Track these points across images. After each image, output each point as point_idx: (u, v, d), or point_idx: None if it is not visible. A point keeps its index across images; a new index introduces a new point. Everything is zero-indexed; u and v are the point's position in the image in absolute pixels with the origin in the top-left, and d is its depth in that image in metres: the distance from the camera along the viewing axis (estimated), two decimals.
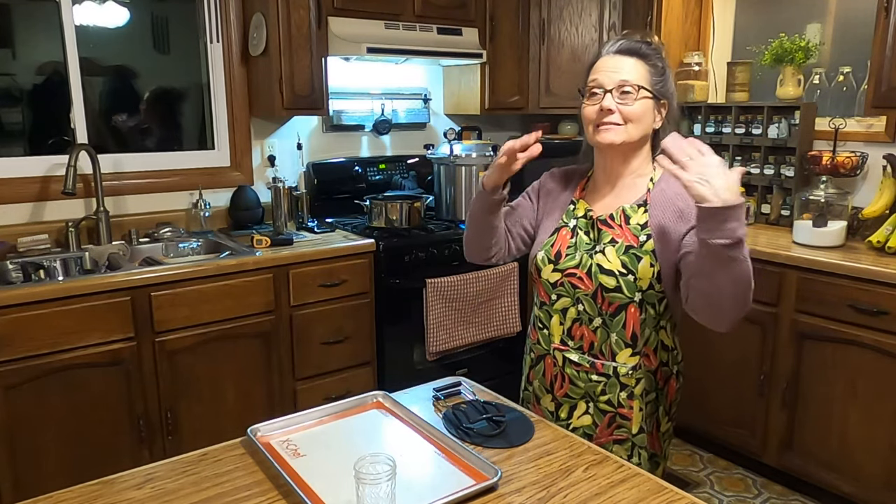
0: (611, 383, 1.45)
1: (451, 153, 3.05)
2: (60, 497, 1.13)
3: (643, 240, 1.40)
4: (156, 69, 2.98)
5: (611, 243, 1.42)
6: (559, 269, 1.47)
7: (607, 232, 1.43)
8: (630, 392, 1.44)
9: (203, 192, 2.87)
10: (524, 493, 1.15)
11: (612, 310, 1.42)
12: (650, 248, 1.39)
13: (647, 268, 1.38)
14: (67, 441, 2.18)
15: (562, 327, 1.49)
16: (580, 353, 1.47)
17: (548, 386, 1.54)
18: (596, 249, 1.43)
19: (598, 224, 1.45)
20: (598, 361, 1.45)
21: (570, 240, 1.48)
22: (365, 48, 2.77)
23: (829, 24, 3.11)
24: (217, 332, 2.40)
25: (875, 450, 2.40)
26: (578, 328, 1.47)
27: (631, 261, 1.39)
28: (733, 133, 3.18)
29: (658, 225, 1.39)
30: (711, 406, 2.88)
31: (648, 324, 1.43)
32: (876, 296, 2.33)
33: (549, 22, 3.39)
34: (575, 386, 1.49)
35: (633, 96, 1.37)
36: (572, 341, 1.48)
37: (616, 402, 1.45)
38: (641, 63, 1.39)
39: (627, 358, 1.44)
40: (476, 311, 2.96)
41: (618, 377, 1.44)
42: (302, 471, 1.19)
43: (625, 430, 1.46)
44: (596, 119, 1.41)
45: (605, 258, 1.41)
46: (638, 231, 1.41)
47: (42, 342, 2.09)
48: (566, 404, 1.52)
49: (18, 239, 2.49)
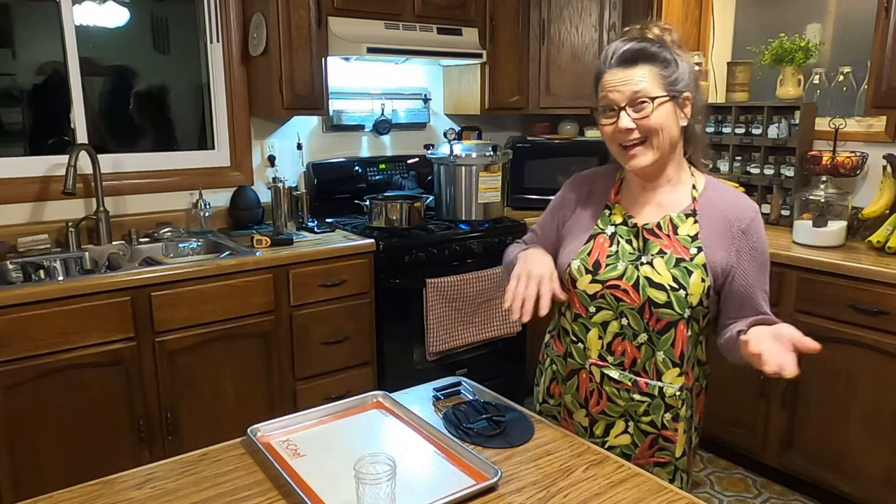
0: (655, 404, 1.36)
1: (451, 153, 3.05)
2: (60, 497, 1.13)
3: (693, 252, 1.32)
4: (156, 69, 2.98)
5: (659, 254, 1.33)
6: (599, 280, 1.36)
7: (654, 242, 1.34)
8: (676, 414, 1.37)
9: (203, 192, 2.87)
10: (524, 493, 1.14)
11: (660, 326, 1.33)
12: (701, 261, 1.31)
13: (698, 283, 1.30)
14: (67, 441, 2.17)
15: (601, 341, 1.39)
16: (620, 370, 1.37)
17: (581, 401, 1.44)
18: (643, 261, 1.34)
19: (643, 233, 1.36)
20: (640, 380, 1.36)
21: (609, 248, 1.38)
22: (365, 48, 2.77)
23: (829, 24, 3.11)
24: (217, 332, 2.40)
25: (875, 450, 2.40)
26: (620, 343, 1.37)
27: (682, 275, 1.30)
28: (733, 133, 3.18)
29: (708, 237, 1.33)
30: (711, 406, 2.84)
31: (692, 341, 1.36)
32: (876, 296, 2.33)
33: (549, 22, 3.39)
34: (614, 404, 1.39)
35: (650, 107, 1.27)
36: (612, 357, 1.38)
37: (660, 423, 1.37)
38: (649, 66, 1.28)
39: (674, 378, 1.35)
40: (476, 311, 2.96)
41: (663, 398, 1.36)
42: (302, 471, 1.19)
43: (667, 454, 1.39)
44: (617, 139, 1.31)
45: (654, 271, 1.32)
46: (688, 243, 1.33)
47: (42, 342, 2.08)
48: (602, 421, 1.43)
49: (18, 239, 2.49)
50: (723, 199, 1.36)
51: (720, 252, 1.32)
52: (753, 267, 1.33)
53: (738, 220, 1.33)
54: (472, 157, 3.04)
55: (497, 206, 3.14)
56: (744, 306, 1.33)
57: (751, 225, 1.33)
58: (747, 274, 1.32)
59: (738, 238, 1.33)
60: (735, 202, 1.36)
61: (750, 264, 1.33)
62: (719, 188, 1.39)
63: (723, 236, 1.33)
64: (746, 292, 1.32)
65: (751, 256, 1.33)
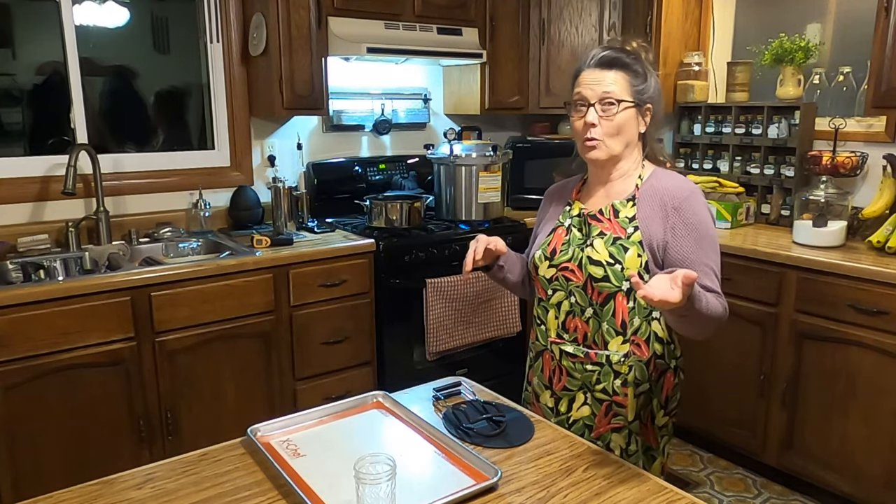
0: (605, 372, 1.49)
1: (451, 153, 3.05)
2: (60, 497, 1.13)
3: (630, 231, 1.45)
4: (156, 69, 2.98)
5: (599, 236, 1.48)
6: (554, 265, 1.53)
7: (596, 226, 1.49)
8: (624, 380, 1.47)
9: (203, 192, 2.87)
10: (524, 493, 1.15)
11: (601, 299, 1.47)
12: (637, 238, 1.44)
13: (634, 258, 1.43)
14: (67, 441, 2.17)
15: (557, 321, 1.54)
16: (575, 345, 1.52)
17: (546, 382, 1.59)
18: (587, 243, 1.49)
19: (588, 219, 1.51)
20: (591, 351, 1.50)
21: (564, 237, 1.54)
22: (365, 48, 2.77)
23: (829, 24, 3.11)
24: (217, 332, 2.40)
25: (875, 450, 2.40)
26: (572, 320, 1.52)
27: (618, 251, 1.44)
28: (733, 133, 3.19)
29: (644, 217, 1.45)
30: (711, 406, 2.88)
31: (639, 313, 1.46)
32: (876, 296, 2.33)
33: (549, 22, 3.39)
34: (572, 378, 1.53)
35: (615, 109, 1.43)
36: (567, 334, 1.53)
37: (611, 390, 1.49)
38: (622, 74, 1.44)
39: (619, 346, 1.47)
40: (476, 311, 2.96)
41: (611, 365, 1.48)
42: (302, 471, 1.19)
43: (621, 419, 1.49)
44: (582, 133, 1.47)
45: (594, 250, 1.47)
46: (626, 223, 1.46)
47: (42, 342, 2.08)
48: (565, 398, 1.55)
49: (18, 239, 2.49)
50: (661, 183, 1.49)
51: (656, 229, 1.44)
52: (689, 241, 1.42)
53: (672, 198, 1.45)
54: (472, 157, 3.04)
55: (497, 206, 3.14)
56: None
57: (683, 202, 1.44)
58: (682, 247, 1.42)
59: (671, 215, 1.44)
60: (671, 184, 1.48)
61: (685, 239, 1.42)
62: (661, 175, 1.52)
63: (658, 215, 1.45)
64: (681, 265, 1.39)
65: (685, 231, 1.43)
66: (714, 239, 1.45)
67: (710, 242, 1.43)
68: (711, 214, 1.48)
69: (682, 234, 1.42)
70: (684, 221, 1.43)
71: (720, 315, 1.36)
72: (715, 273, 1.42)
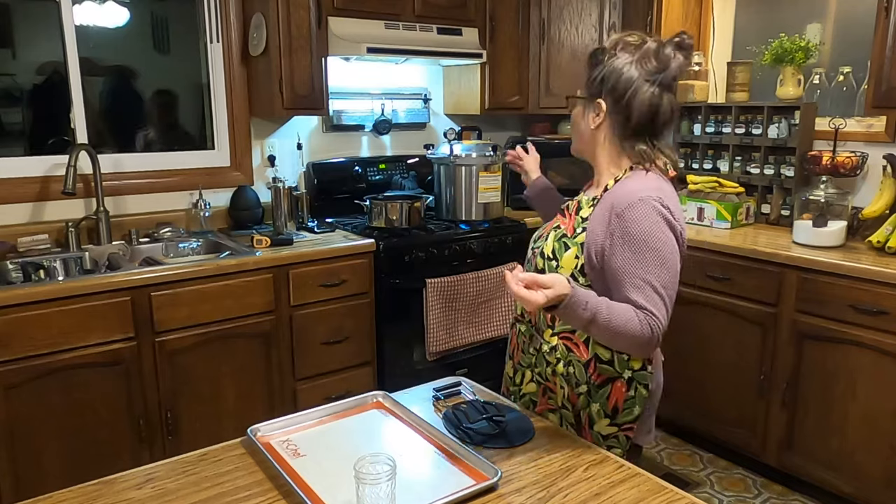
0: (539, 358, 1.53)
1: (451, 153, 3.05)
2: (60, 497, 1.13)
3: (578, 232, 1.44)
4: (156, 69, 2.98)
5: (555, 229, 1.50)
6: (533, 247, 1.58)
7: (558, 219, 1.53)
8: (553, 370, 1.49)
9: (203, 192, 2.87)
10: (524, 493, 1.15)
11: None
12: (581, 240, 1.42)
13: (571, 258, 1.42)
14: (67, 441, 2.17)
15: None
16: (527, 325, 1.56)
17: (511, 352, 1.66)
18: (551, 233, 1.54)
19: (563, 210, 1.54)
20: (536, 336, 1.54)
21: (554, 224, 1.56)
22: (365, 48, 2.77)
23: (829, 24, 3.11)
24: (217, 332, 2.40)
25: (875, 450, 2.40)
26: None
27: (560, 248, 1.45)
28: (733, 133, 3.18)
29: (593, 220, 1.41)
30: (711, 406, 2.88)
31: None
32: (876, 296, 2.33)
33: (549, 22, 3.39)
34: (524, 353, 1.58)
35: (568, 108, 1.51)
36: (526, 314, 1.58)
37: (544, 376, 1.52)
38: (585, 66, 1.47)
39: (549, 337, 1.50)
40: (476, 311, 2.96)
41: (543, 354, 1.51)
42: (302, 471, 1.19)
43: (553, 401, 1.53)
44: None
45: (545, 242, 1.50)
46: (578, 224, 1.45)
47: (42, 342, 2.09)
48: (519, 371, 1.61)
49: (18, 239, 2.49)
50: (618, 189, 1.40)
51: (599, 235, 1.39)
52: (625, 251, 1.33)
53: (618, 205, 1.37)
54: (472, 157, 3.04)
55: (497, 206, 3.14)
56: (615, 289, 1.35)
57: (626, 210, 1.34)
58: (616, 256, 1.34)
59: (613, 221, 1.36)
60: (625, 189, 1.39)
61: (621, 248, 1.33)
62: (629, 180, 1.41)
63: (604, 220, 1.39)
64: (614, 276, 1.35)
65: (623, 240, 1.33)
66: (659, 252, 1.31)
67: (652, 255, 1.31)
68: (670, 226, 1.34)
69: (619, 244, 1.34)
70: (624, 230, 1.34)
71: (633, 334, 1.26)
72: (655, 289, 1.30)
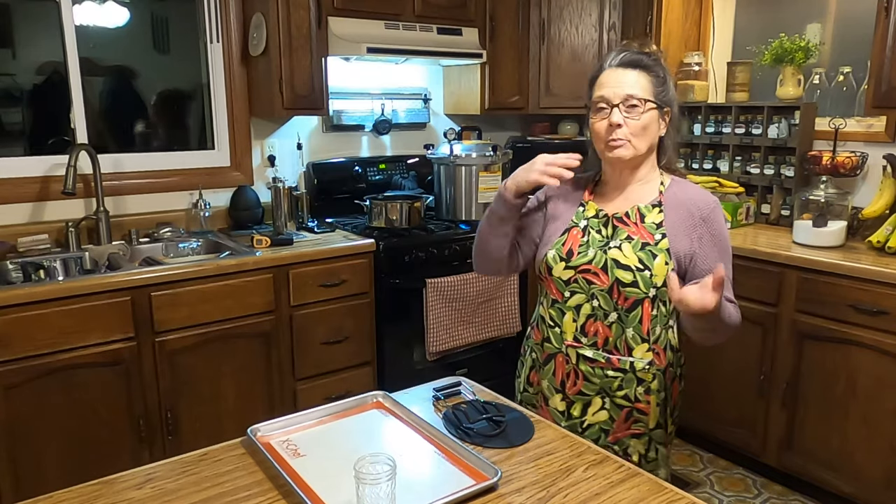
0: (627, 378, 1.48)
1: (451, 153, 3.05)
2: (60, 497, 1.13)
3: (658, 238, 1.45)
4: (156, 69, 2.98)
5: (627, 240, 1.46)
6: (571, 266, 1.48)
7: (623, 229, 1.48)
8: (647, 387, 1.48)
9: (203, 192, 2.87)
10: (524, 493, 1.14)
11: (627, 305, 1.45)
12: (665, 246, 1.44)
13: (662, 265, 1.42)
14: (67, 441, 2.17)
15: (575, 324, 1.50)
16: (595, 350, 1.49)
17: (558, 385, 1.55)
18: (610, 245, 1.47)
19: (613, 221, 1.49)
20: (613, 357, 1.48)
21: (581, 238, 1.50)
22: (365, 48, 2.77)
23: (829, 24, 3.11)
24: (217, 332, 2.40)
25: (875, 450, 2.40)
26: (593, 324, 1.49)
27: (647, 257, 1.43)
28: (733, 133, 3.18)
29: (672, 225, 1.46)
30: (712, 406, 2.88)
31: (660, 321, 1.47)
32: (876, 296, 2.33)
33: (549, 22, 3.39)
34: (590, 382, 1.51)
35: (640, 109, 1.42)
36: (586, 337, 1.50)
37: (633, 397, 1.48)
38: (644, 74, 1.44)
39: (643, 353, 1.47)
40: (476, 311, 2.96)
41: (634, 372, 1.47)
42: (302, 471, 1.19)
43: (642, 425, 1.50)
44: (605, 135, 1.45)
45: (621, 253, 1.45)
46: (653, 229, 1.46)
47: (42, 342, 2.09)
48: (579, 402, 1.53)
49: (18, 239, 2.49)
50: (685, 193, 1.50)
51: (683, 239, 1.45)
52: (714, 252, 1.45)
53: (699, 209, 1.46)
54: (472, 157, 3.04)
55: None
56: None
57: (711, 213, 1.46)
58: (708, 258, 1.44)
59: (699, 226, 1.45)
60: (696, 195, 1.50)
61: (711, 250, 1.45)
62: (683, 184, 1.53)
63: (685, 224, 1.46)
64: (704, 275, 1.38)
65: (712, 242, 1.45)
66: (731, 251, 1.49)
67: (729, 255, 1.47)
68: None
69: (709, 245, 1.44)
70: (711, 233, 1.45)
71: (737, 324, 1.40)
72: (731, 282, 1.45)
